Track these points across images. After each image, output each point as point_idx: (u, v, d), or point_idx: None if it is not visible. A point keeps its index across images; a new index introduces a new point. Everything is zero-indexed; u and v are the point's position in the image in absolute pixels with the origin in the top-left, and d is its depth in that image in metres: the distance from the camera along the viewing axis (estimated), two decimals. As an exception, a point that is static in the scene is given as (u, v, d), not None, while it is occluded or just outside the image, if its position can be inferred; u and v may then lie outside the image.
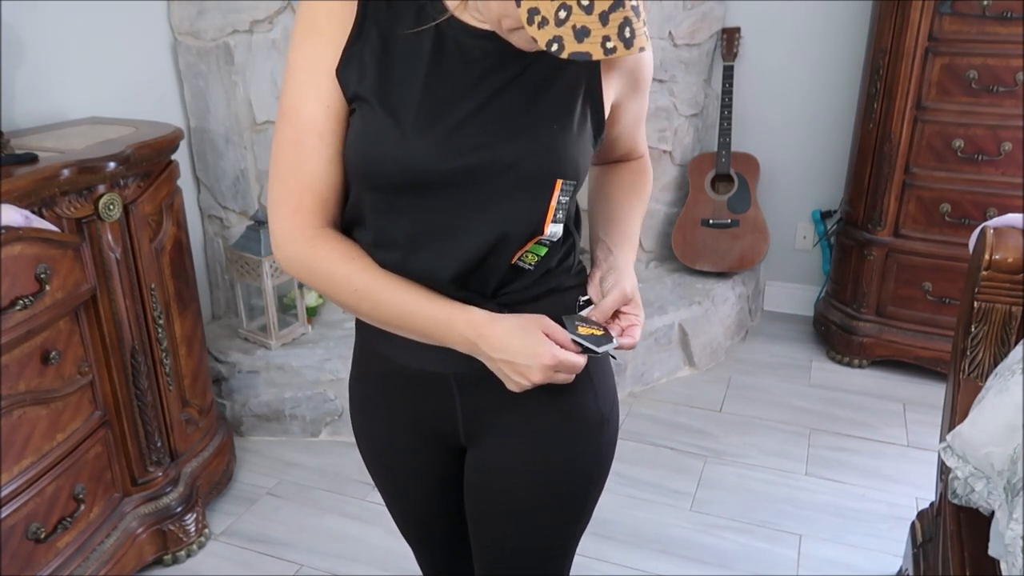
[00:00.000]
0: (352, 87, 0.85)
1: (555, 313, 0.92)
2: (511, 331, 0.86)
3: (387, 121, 0.84)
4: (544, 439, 0.98)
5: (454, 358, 0.91)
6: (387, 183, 0.86)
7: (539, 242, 0.89)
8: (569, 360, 0.86)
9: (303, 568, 1.92)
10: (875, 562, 1.91)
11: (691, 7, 2.79)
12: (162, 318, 1.86)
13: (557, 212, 0.87)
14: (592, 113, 0.90)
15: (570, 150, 0.86)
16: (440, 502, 1.09)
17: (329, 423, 2.44)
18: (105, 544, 1.73)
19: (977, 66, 2.41)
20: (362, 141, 0.86)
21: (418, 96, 0.84)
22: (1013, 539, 1.08)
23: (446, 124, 0.84)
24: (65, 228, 1.57)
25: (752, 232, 2.93)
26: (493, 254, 0.88)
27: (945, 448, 1.33)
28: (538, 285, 0.94)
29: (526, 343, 0.86)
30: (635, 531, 2.02)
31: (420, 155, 0.84)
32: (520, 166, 0.84)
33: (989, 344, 1.43)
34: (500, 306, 0.91)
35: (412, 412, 1.01)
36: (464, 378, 0.95)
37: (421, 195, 0.86)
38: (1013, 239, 1.39)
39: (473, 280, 0.89)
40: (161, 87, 2.36)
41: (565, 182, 0.86)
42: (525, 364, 0.85)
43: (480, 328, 0.87)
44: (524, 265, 0.90)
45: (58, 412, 1.59)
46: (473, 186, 0.84)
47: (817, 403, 2.62)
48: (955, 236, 2.56)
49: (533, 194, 0.86)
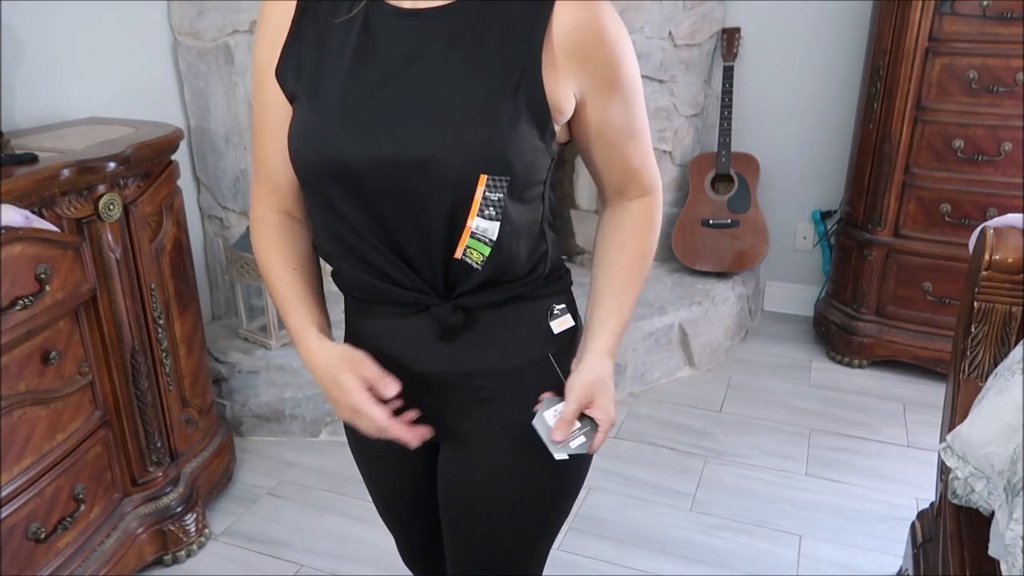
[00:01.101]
0: (289, 86, 0.87)
1: (527, 322, 0.94)
2: (326, 370, 0.90)
3: (312, 114, 0.85)
4: (512, 447, 0.96)
5: (428, 357, 0.93)
6: (315, 176, 0.86)
7: (475, 238, 0.84)
8: (367, 412, 0.87)
9: (303, 568, 1.92)
10: (875, 562, 1.91)
11: (691, 7, 2.80)
12: (162, 318, 1.86)
13: (485, 208, 0.82)
14: (530, 103, 0.82)
15: (494, 143, 0.81)
16: (415, 488, 1.09)
17: (329, 423, 2.43)
18: (105, 544, 1.73)
19: (977, 66, 2.41)
20: (293, 138, 0.87)
21: (341, 86, 0.84)
22: (1013, 539, 1.08)
23: (365, 112, 0.83)
24: (65, 228, 1.57)
25: (752, 232, 2.93)
26: (426, 247, 0.86)
27: (945, 448, 1.33)
28: (501, 291, 0.90)
29: (334, 383, 0.89)
30: (635, 531, 2.02)
31: (340, 144, 0.83)
32: (438, 156, 0.81)
33: (989, 344, 1.43)
34: (457, 308, 0.89)
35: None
36: (435, 377, 0.94)
37: (350, 189, 0.84)
38: (1013, 239, 1.39)
39: (419, 277, 0.88)
40: (161, 87, 2.36)
41: (491, 177, 0.81)
42: (334, 400, 0.90)
43: (307, 355, 0.92)
44: (470, 262, 0.86)
45: (58, 412, 1.59)
46: (394, 176, 0.82)
47: (817, 403, 2.62)
48: (955, 236, 2.55)
49: (455, 186, 0.82)
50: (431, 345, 0.92)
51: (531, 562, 1.08)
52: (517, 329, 0.94)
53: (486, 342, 0.93)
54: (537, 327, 0.95)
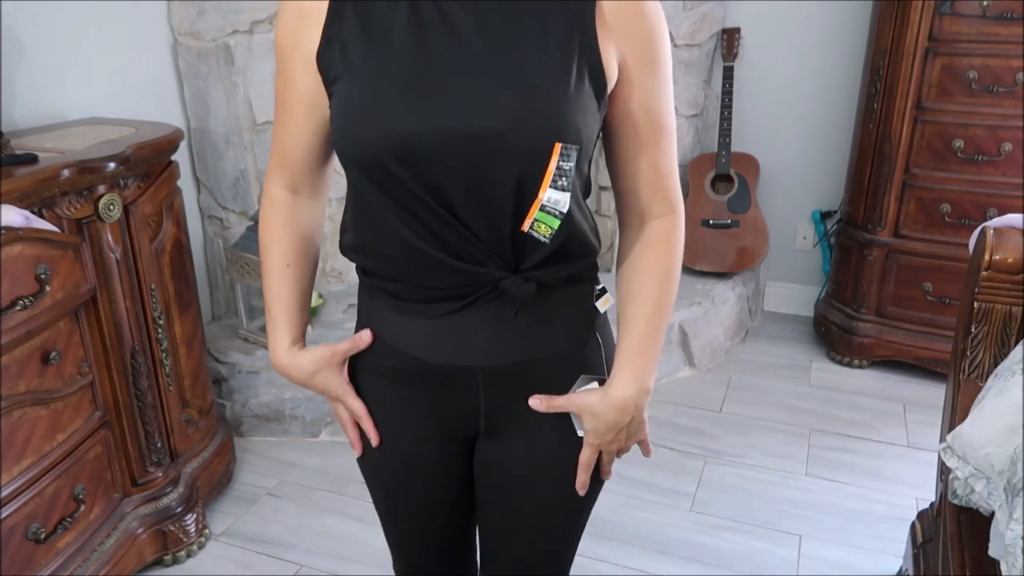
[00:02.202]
0: (335, 67, 0.85)
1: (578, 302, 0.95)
2: (303, 379, 0.99)
3: (366, 90, 0.83)
4: (559, 433, 0.97)
5: (483, 352, 0.91)
6: (372, 153, 0.82)
7: (544, 209, 0.83)
8: (348, 402, 0.99)
9: (303, 568, 1.92)
10: (875, 562, 1.91)
11: (691, 7, 2.80)
12: (162, 319, 1.86)
13: (559, 179, 0.81)
14: (590, 70, 0.82)
15: (567, 110, 0.80)
16: (440, 493, 1.06)
17: (329, 423, 2.44)
18: (105, 544, 1.72)
19: (977, 67, 2.41)
20: (344, 115, 0.85)
21: (399, 59, 0.82)
22: (1013, 540, 1.08)
23: (429, 85, 0.81)
24: (65, 229, 1.57)
25: (752, 232, 2.93)
26: (490, 222, 0.84)
27: (945, 449, 1.33)
28: (565, 267, 0.89)
29: (315, 385, 1.00)
30: (635, 531, 2.02)
31: (402, 118, 0.81)
32: (512, 127, 0.79)
33: (989, 344, 1.43)
34: (528, 279, 0.87)
35: (428, 406, 0.98)
36: (491, 372, 0.93)
37: (411, 165, 0.81)
38: (1013, 239, 1.39)
39: (482, 252, 0.86)
40: (161, 87, 2.36)
41: (565, 145, 0.80)
42: (320, 392, 1.01)
43: (281, 367, 1.01)
44: (538, 236, 0.84)
45: (58, 412, 1.59)
46: (463, 149, 0.80)
47: (817, 404, 2.62)
48: (955, 236, 2.55)
49: (526, 157, 0.81)
50: (480, 339, 0.91)
51: (568, 557, 1.09)
52: (570, 308, 0.94)
53: (541, 327, 0.92)
54: (586, 306, 0.96)
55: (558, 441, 0.97)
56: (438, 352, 0.92)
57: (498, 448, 1.00)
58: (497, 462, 1.01)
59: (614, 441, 0.95)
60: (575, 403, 0.94)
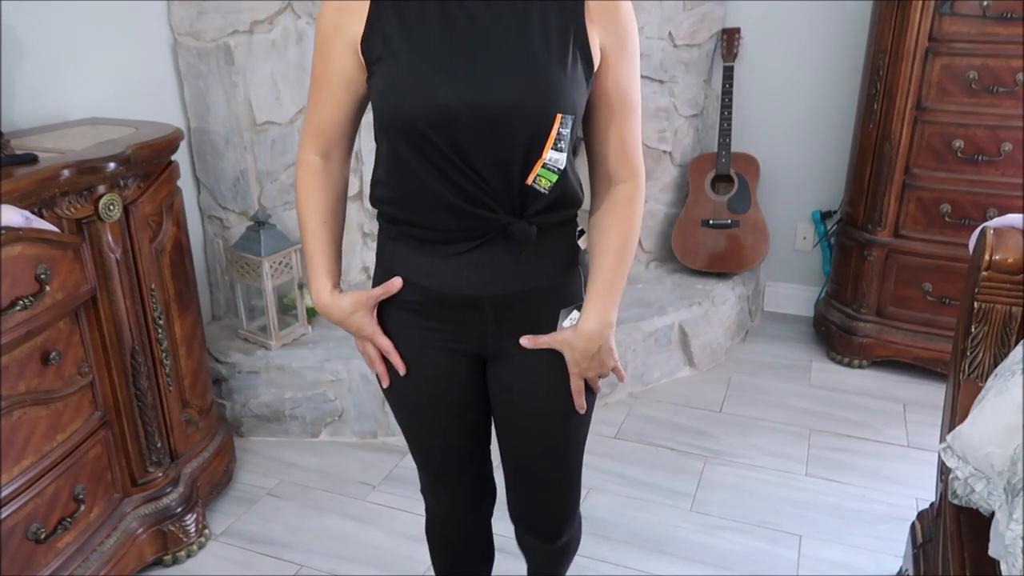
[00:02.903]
0: (377, 51, 1.04)
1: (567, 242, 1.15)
2: (340, 317, 1.17)
3: (408, 71, 1.02)
4: (551, 353, 1.16)
5: (491, 283, 1.11)
6: (412, 121, 1.02)
7: (546, 167, 1.04)
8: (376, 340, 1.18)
9: (303, 569, 1.92)
10: (875, 563, 1.91)
11: (691, 7, 2.80)
12: (162, 319, 1.86)
13: (558, 142, 1.03)
14: (582, 55, 1.04)
15: (566, 87, 1.02)
16: (459, 399, 1.23)
17: (329, 423, 2.44)
18: (105, 545, 1.73)
19: (977, 67, 2.41)
20: (389, 90, 1.04)
21: (435, 46, 1.01)
22: (1013, 540, 1.08)
23: (460, 67, 1.01)
24: (65, 229, 1.57)
25: (752, 233, 2.93)
26: (504, 177, 1.04)
27: (945, 449, 1.33)
28: (560, 213, 1.11)
29: (349, 324, 1.18)
30: (635, 531, 2.02)
31: (440, 93, 1.00)
32: (523, 101, 1.00)
33: (989, 345, 1.43)
34: (532, 224, 1.07)
35: (446, 331, 1.16)
36: (497, 300, 1.12)
37: (444, 130, 1.01)
38: (1013, 239, 1.39)
39: (495, 201, 1.05)
40: (161, 87, 2.36)
41: (564, 116, 1.02)
42: (352, 333, 1.20)
43: (322, 307, 1.19)
44: (539, 188, 1.06)
45: (58, 413, 1.59)
46: (486, 117, 1.00)
47: (817, 404, 2.62)
48: (955, 236, 2.55)
49: (533, 123, 1.01)
50: (489, 273, 1.11)
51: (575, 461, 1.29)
52: (559, 246, 1.15)
53: (537, 262, 1.12)
54: (571, 245, 1.17)
55: (551, 360, 1.17)
56: (454, 285, 1.11)
57: (504, 369, 1.20)
58: (505, 381, 1.21)
59: (590, 367, 1.16)
60: (556, 339, 1.15)
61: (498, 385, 1.22)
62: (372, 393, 2.40)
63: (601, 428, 2.45)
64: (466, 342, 1.17)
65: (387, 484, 2.24)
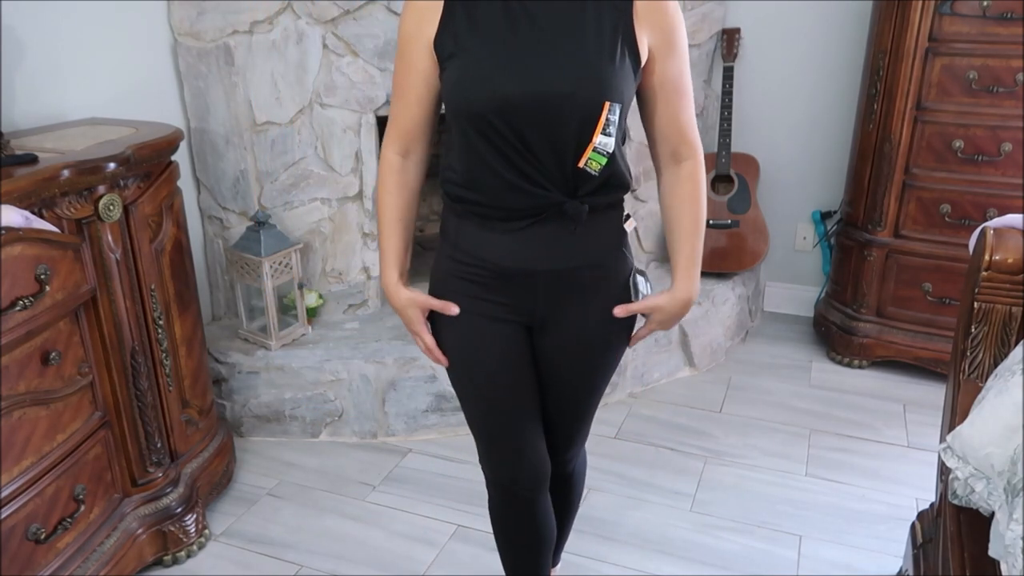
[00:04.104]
0: (448, 49, 1.17)
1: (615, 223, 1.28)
2: (401, 307, 1.32)
3: (476, 66, 1.15)
4: (596, 324, 1.31)
5: (544, 258, 1.23)
6: (480, 110, 1.14)
7: (596, 150, 1.16)
8: (423, 336, 1.33)
9: (303, 569, 1.92)
10: (875, 563, 1.91)
11: (691, 7, 2.79)
12: (162, 319, 1.86)
13: (607, 127, 1.15)
14: (629, 51, 1.16)
15: (614, 79, 1.14)
16: (513, 359, 1.33)
17: (329, 424, 2.44)
18: (105, 545, 1.73)
19: (977, 67, 2.41)
20: (460, 83, 1.16)
21: (501, 44, 1.15)
22: (1013, 540, 1.08)
23: (521, 62, 1.13)
24: (65, 229, 1.57)
25: (752, 233, 2.93)
26: (558, 159, 1.16)
27: (945, 449, 1.33)
28: (609, 195, 1.23)
29: (405, 315, 1.32)
30: (635, 532, 2.02)
31: (505, 85, 1.12)
32: (577, 90, 1.12)
33: (989, 345, 1.43)
34: (584, 203, 1.19)
35: (500, 300, 1.28)
36: (548, 275, 1.25)
37: (507, 118, 1.13)
38: (1013, 240, 1.39)
39: (551, 182, 1.18)
40: (161, 88, 2.36)
41: (612, 103, 1.13)
42: (406, 324, 1.34)
43: (390, 296, 1.32)
44: (590, 170, 1.17)
45: (58, 413, 1.59)
46: (545, 106, 1.12)
47: (817, 404, 2.62)
48: (955, 237, 2.56)
49: (585, 111, 1.13)
50: (542, 249, 1.23)
51: (594, 409, 1.46)
52: (607, 228, 1.27)
53: (585, 240, 1.24)
54: (617, 227, 1.29)
55: (588, 331, 1.32)
56: (511, 258, 1.24)
57: (548, 338, 1.33)
58: (548, 347, 1.34)
59: (667, 324, 1.33)
60: (646, 305, 1.31)
61: (547, 348, 1.34)
62: (372, 393, 2.40)
63: (601, 428, 2.44)
64: (518, 313, 1.29)
65: (387, 484, 2.24)
